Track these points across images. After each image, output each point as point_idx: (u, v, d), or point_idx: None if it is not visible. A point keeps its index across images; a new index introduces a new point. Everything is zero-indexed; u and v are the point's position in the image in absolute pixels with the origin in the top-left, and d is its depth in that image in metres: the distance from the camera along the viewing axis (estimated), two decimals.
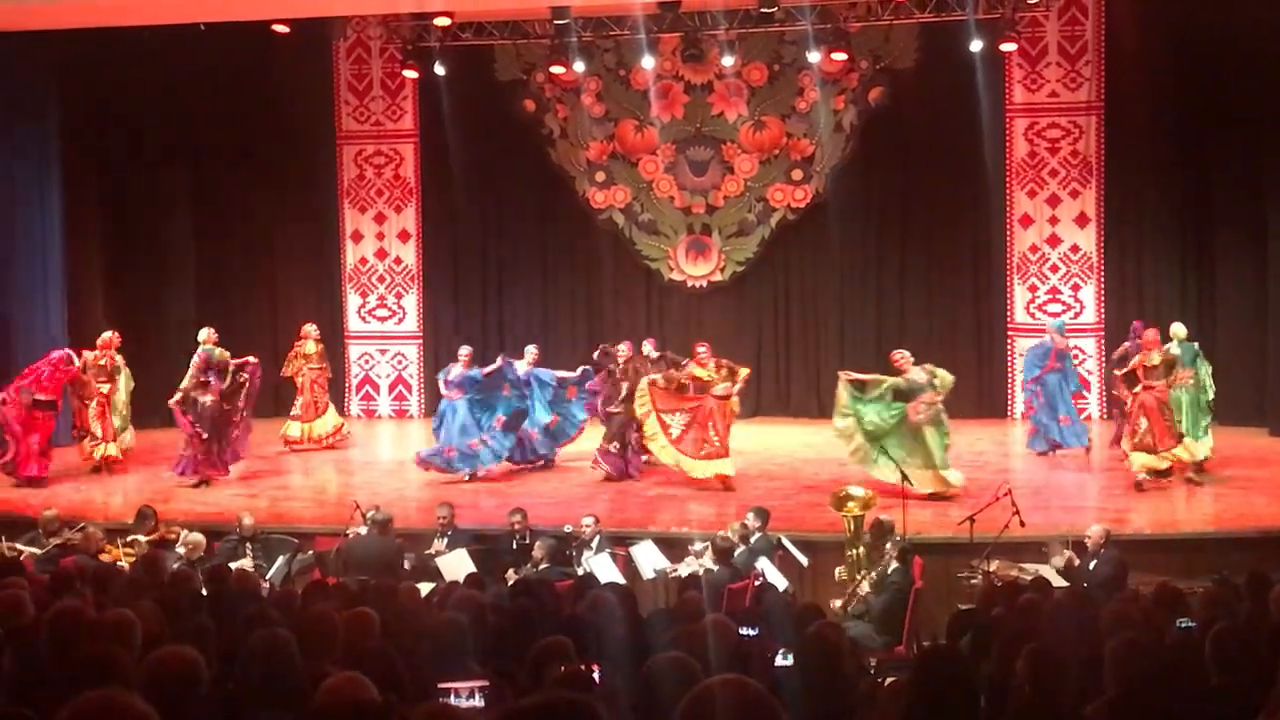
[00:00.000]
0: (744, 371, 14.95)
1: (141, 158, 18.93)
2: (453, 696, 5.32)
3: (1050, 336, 16.30)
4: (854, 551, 10.93)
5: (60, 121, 17.55)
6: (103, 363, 16.00)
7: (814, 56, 17.98)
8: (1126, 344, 15.50)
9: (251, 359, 15.72)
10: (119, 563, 10.85)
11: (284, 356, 17.95)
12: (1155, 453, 13.78)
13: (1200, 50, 17.48)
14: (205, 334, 15.63)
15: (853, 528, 11.08)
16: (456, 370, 15.51)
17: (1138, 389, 14.01)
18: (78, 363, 15.76)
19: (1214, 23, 17.10)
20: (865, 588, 10.49)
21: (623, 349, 15.49)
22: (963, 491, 13.38)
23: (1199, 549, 11.64)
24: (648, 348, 15.57)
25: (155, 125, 18.97)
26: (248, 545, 11.46)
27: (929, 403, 13.70)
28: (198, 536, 11.19)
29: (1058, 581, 9.66)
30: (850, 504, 11.24)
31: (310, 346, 17.60)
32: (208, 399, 14.96)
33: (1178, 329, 14.91)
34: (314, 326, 17.82)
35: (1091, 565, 10.35)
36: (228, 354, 15.47)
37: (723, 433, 14.42)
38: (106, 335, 16.11)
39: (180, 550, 10.97)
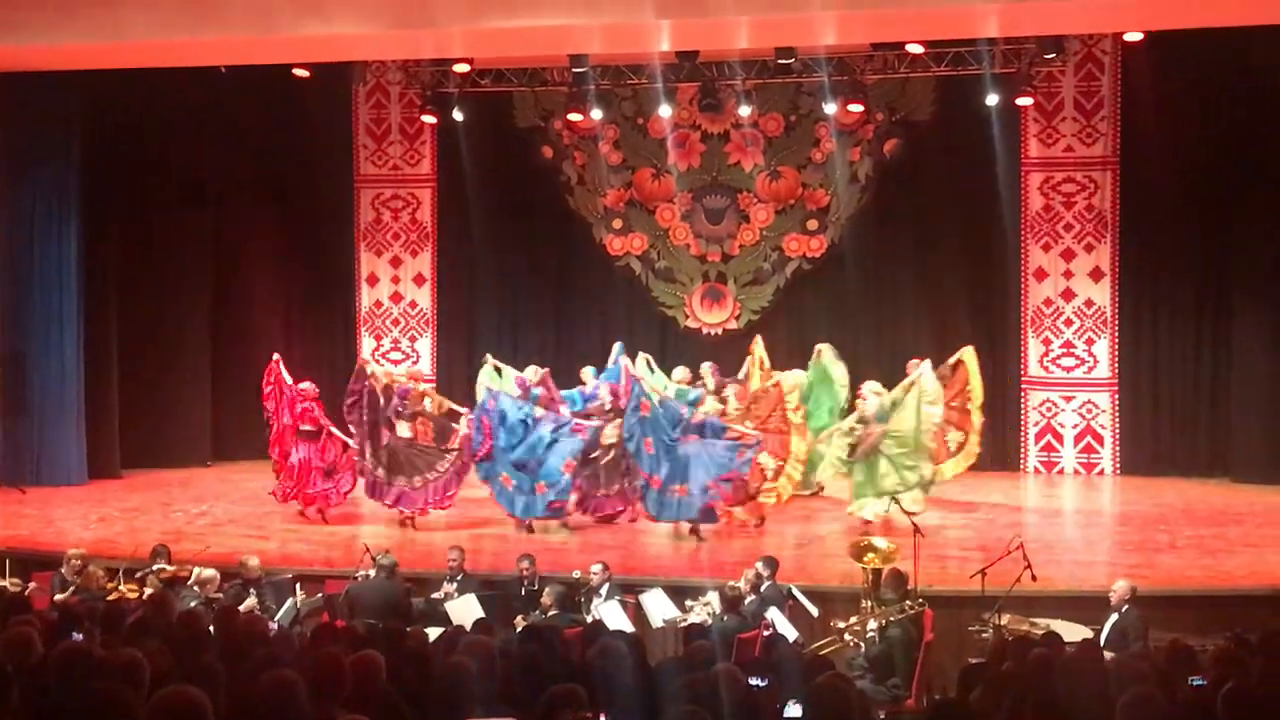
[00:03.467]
0: None
1: (160, 198, 19.04)
2: None
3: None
4: (869, 603, 10.87)
5: (80, 161, 17.64)
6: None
7: (830, 108, 18.09)
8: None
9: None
10: (125, 600, 10.84)
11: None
12: None
13: (1217, 106, 17.56)
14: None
15: (871, 579, 11.01)
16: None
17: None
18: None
19: (1230, 78, 17.19)
20: (872, 625, 10.45)
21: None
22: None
23: (1212, 606, 11.56)
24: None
25: (174, 166, 19.09)
26: (251, 589, 11.40)
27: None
28: (210, 572, 11.21)
29: (1069, 636, 9.59)
30: (870, 555, 11.15)
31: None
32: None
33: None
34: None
35: (1112, 620, 10.28)
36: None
37: None
38: (417, 368, 15.78)
39: (195, 589, 10.99)
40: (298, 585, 11.66)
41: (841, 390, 16.42)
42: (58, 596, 11.13)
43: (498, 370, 16.09)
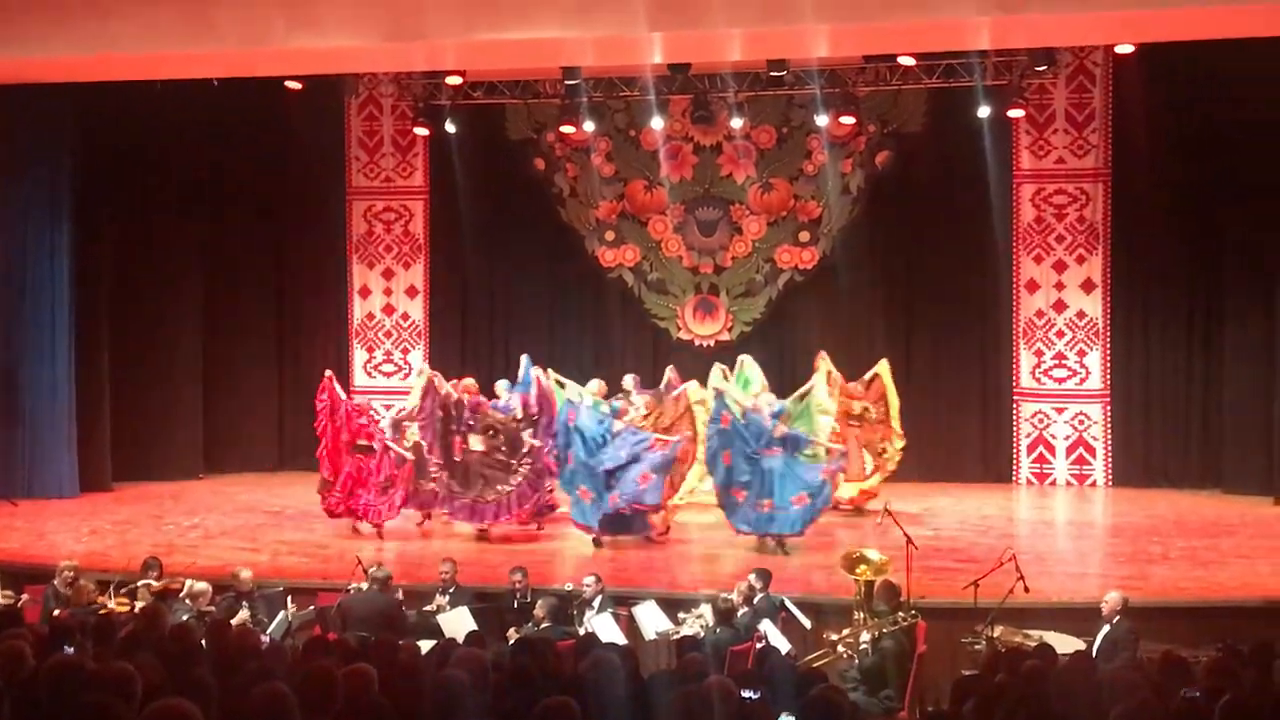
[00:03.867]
0: None
1: (152, 210, 19.06)
2: None
3: None
4: (862, 615, 10.86)
5: (73, 173, 17.67)
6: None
7: (822, 120, 18.12)
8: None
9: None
10: (115, 614, 10.80)
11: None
12: None
13: (1207, 118, 17.59)
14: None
15: (863, 592, 11.00)
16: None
17: None
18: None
19: (1220, 91, 17.22)
20: (865, 636, 10.43)
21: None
22: None
23: (1204, 617, 11.56)
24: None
25: (167, 178, 19.10)
26: (243, 602, 11.38)
27: None
28: (203, 585, 11.19)
29: (1062, 648, 9.59)
30: (863, 567, 11.13)
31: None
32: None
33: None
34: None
35: (1104, 631, 10.28)
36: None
37: None
38: (470, 381, 15.69)
39: (188, 602, 10.96)
40: (289, 598, 11.63)
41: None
42: (55, 611, 11.09)
43: (560, 384, 15.98)
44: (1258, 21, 12.53)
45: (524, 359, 15.84)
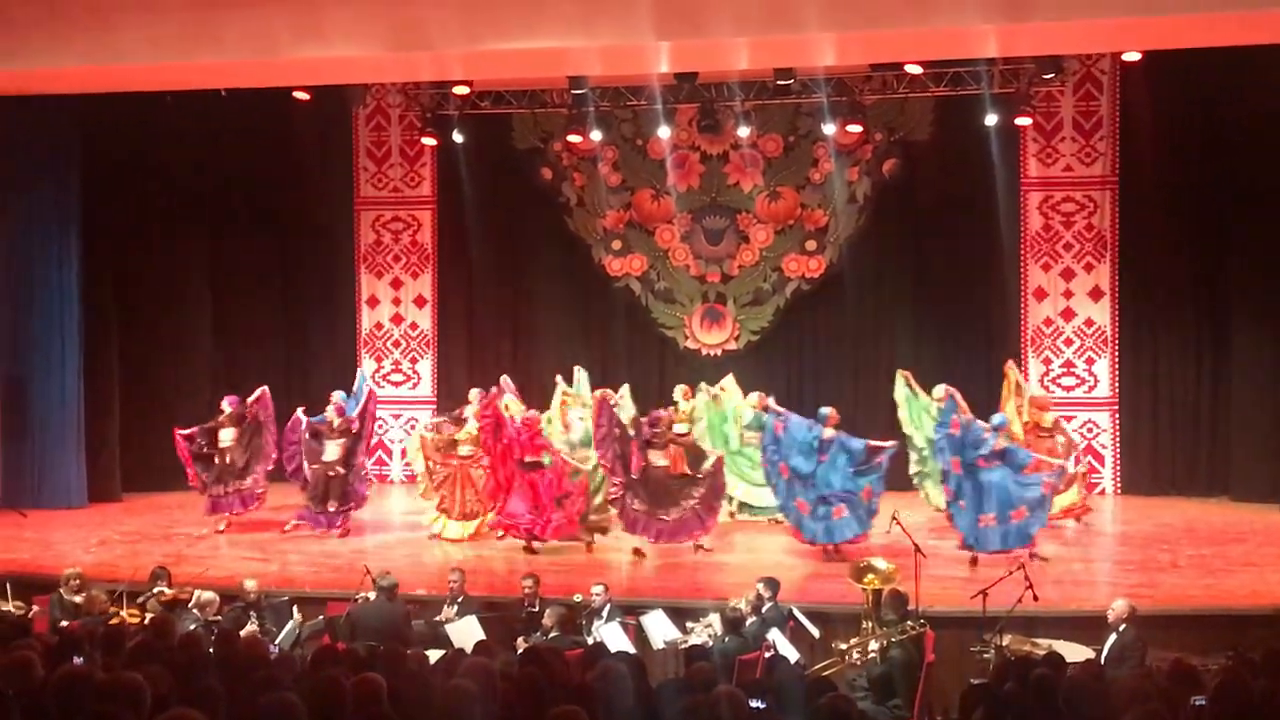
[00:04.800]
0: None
1: (160, 221, 19.07)
2: None
3: None
4: (870, 624, 10.86)
5: (80, 183, 17.68)
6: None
7: (829, 128, 18.09)
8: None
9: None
10: (126, 624, 10.81)
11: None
12: None
13: (1215, 125, 17.58)
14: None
15: (871, 600, 11.00)
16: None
17: None
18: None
19: (1228, 98, 17.21)
20: (873, 645, 10.42)
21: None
22: None
23: (1214, 625, 11.55)
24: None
25: (174, 189, 19.11)
26: (251, 612, 11.39)
27: None
28: (210, 595, 11.22)
29: (1071, 656, 9.57)
30: (870, 576, 11.15)
31: None
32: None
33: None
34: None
35: (1111, 639, 10.27)
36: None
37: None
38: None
39: (195, 611, 10.98)
40: (294, 607, 11.64)
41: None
42: (61, 620, 11.11)
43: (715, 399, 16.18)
44: (1266, 29, 12.53)
45: (359, 372, 15.93)
